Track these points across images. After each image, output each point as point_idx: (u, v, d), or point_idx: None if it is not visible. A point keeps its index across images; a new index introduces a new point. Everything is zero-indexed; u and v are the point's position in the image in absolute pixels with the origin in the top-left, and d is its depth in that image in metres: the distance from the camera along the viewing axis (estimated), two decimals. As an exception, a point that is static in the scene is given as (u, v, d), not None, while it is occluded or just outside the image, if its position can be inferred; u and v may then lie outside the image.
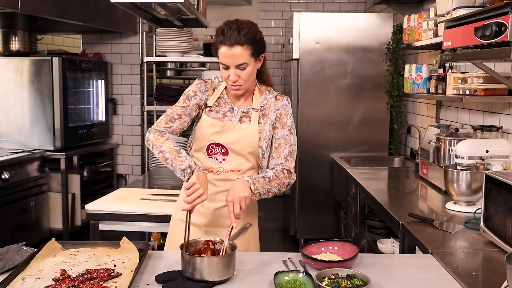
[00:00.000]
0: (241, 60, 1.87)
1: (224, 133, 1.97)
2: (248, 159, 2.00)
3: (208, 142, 1.98)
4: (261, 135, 1.98)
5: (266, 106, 2.03)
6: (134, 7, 3.36)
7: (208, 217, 2.03)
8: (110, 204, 2.79)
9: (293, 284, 1.55)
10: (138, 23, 5.62)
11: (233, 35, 1.85)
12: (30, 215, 4.36)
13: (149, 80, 5.02)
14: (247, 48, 1.87)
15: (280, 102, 2.04)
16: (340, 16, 4.56)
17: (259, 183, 1.86)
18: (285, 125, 2.02)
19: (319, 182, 4.57)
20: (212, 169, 2.00)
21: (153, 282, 1.60)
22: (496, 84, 2.61)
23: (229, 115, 2.01)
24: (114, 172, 5.75)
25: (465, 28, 2.17)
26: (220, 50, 1.89)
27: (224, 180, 1.99)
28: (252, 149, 1.98)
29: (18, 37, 4.80)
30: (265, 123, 2.00)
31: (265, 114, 2.02)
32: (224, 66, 1.91)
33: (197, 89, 2.03)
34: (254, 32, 1.89)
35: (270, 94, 2.06)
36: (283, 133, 2.01)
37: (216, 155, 1.99)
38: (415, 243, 2.11)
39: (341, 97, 4.53)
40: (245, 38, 1.86)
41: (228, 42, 1.85)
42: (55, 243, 1.84)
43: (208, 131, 1.98)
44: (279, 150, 1.99)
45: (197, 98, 2.02)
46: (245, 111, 2.02)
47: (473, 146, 2.52)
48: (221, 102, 2.04)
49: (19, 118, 4.66)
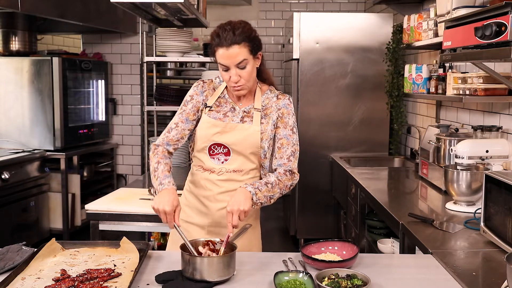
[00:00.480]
0: (240, 58, 1.86)
1: (226, 133, 1.97)
2: (250, 159, 1.99)
3: (210, 142, 1.98)
4: (263, 135, 1.97)
5: (268, 105, 2.02)
6: (134, 7, 3.36)
7: (211, 218, 2.02)
8: (110, 204, 2.79)
9: (293, 284, 1.55)
10: (138, 23, 5.62)
11: (228, 35, 1.85)
12: (30, 215, 4.36)
13: (149, 80, 5.01)
14: (245, 46, 1.87)
15: (282, 101, 2.03)
16: (340, 16, 4.56)
17: (261, 192, 1.85)
18: (287, 124, 2.01)
19: (319, 182, 4.57)
20: (214, 170, 1.99)
21: (153, 282, 1.60)
22: (496, 84, 2.61)
23: (230, 115, 2.00)
24: (114, 172, 5.75)
25: (465, 28, 2.17)
26: (218, 52, 1.88)
27: (227, 180, 1.99)
28: (254, 149, 1.97)
29: (18, 37, 4.80)
30: (267, 123, 1.99)
31: (267, 114, 2.01)
32: (224, 67, 1.90)
33: (194, 93, 2.03)
34: (249, 31, 1.89)
35: (271, 93, 2.06)
36: (285, 133, 2.00)
37: (218, 156, 1.99)
38: (415, 243, 2.11)
39: (341, 97, 4.53)
40: (241, 37, 1.86)
41: (225, 43, 1.85)
42: (55, 243, 1.84)
43: (210, 131, 1.97)
44: (281, 150, 1.99)
45: (193, 101, 2.02)
46: (246, 110, 2.01)
47: (473, 146, 2.52)
48: (222, 101, 2.03)
49: (19, 118, 4.66)
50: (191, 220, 2.05)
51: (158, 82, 5.26)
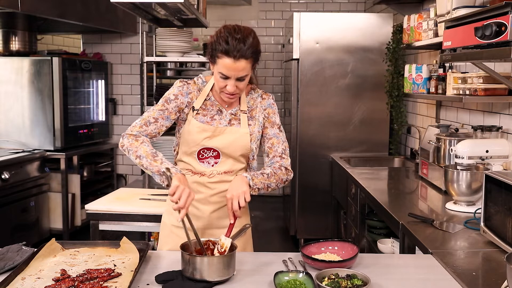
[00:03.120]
0: (243, 73, 1.84)
1: (216, 137, 1.95)
2: (239, 160, 2.00)
3: (200, 147, 1.95)
4: (251, 137, 1.98)
5: (253, 106, 2.02)
6: (134, 7, 3.36)
7: (205, 221, 2.01)
8: (110, 204, 2.79)
9: (293, 284, 1.55)
10: (138, 23, 5.63)
11: (238, 47, 1.78)
12: (30, 215, 4.36)
13: (149, 80, 5.01)
14: (251, 61, 1.84)
15: (266, 101, 2.04)
16: (340, 16, 4.56)
17: (257, 178, 1.87)
18: (274, 123, 2.03)
19: (319, 182, 4.57)
20: (205, 173, 1.97)
21: (153, 282, 1.60)
22: (496, 84, 2.61)
23: (217, 118, 1.97)
24: (114, 172, 5.75)
25: (465, 28, 2.17)
26: (222, 60, 1.81)
27: (218, 182, 1.98)
28: (244, 151, 1.97)
29: (18, 37, 4.80)
30: (254, 125, 1.99)
31: (253, 115, 2.01)
32: (224, 76, 1.84)
33: (178, 92, 1.97)
34: (257, 44, 1.85)
35: (255, 93, 2.05)
36: (274, 132, 2.02)
37: (208, 159, 1.97)
38: (415, 243, 2.11)
39: (341, 97, 4.53)
40: (250, 51, 1.81)
41: (234, 54, 1.79)
42: (55, 243, 1.84)
43: (199, 136, 1.94)
44: (273, 149, 2.01)
45: (177, 101, 1.96)
46: (233, 113, 1.99)
47: (473, 146, 2.52)
48: (208, 104, 1.99)
49: (19, 118, 4.66)
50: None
51: (158, 82, 5.26)
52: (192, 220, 1.75)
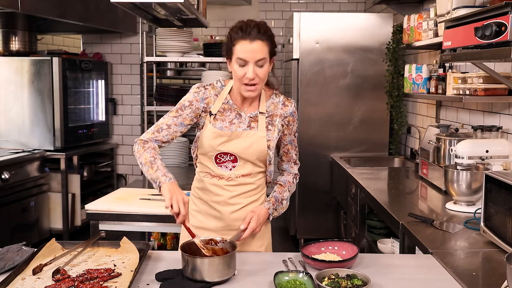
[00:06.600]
0: (261, 55, 1.84)
1: (232, 141, 1.94)
2: (257, 164, 1.98)
3: (216, 152, 1.95)
4: (269, 143, 1.96)
5: (274, 112, 2.00)
6: (134, 7, 3.36)
7: (225, 222, 2.00)
8: (110, 204, 2.79)
9: (293, 284, 1.55)
10: (138, 23, 5.62)
11: (253, 30, 1.83)
12: (30, 215, 4.36)
13: (149, 80, 5.02)
14: (267, 44, 1.86)
15: (289, 108, 2.01)
16: (340, 16, 4.56)
17: (277, 211, 2.02)
18: (292, 131, 2.05)
19: (319, 182, 4.57)
20: (223, 176, 1.97)
21: (153, 281, 1.60)
22: (496, 84, 2.61)
23: (236, 122, 1.96)
24: (114, 172, 5.75)
25: (465, 28, 2.17)
26: (238, 45, 1.84)
27: (237, 185, 1.98)
28: (260, 155, 1.96)
29: (18, 37, 4.80)
30: (273, 131, 1.98)
31: (273, 121, 1.99)
32: (242, 62, 1.84)
33: (194, 99, 1.97)
34: (271, 33, 1.90)
35: (277, 98, 2.03)
36: (290, 139, 2.07)
37: (226, 163, 1.96)
38: (415, 243, 2.11)
39: (341, 97, 4.53)
40: (266, 35, 1.86)
41: (249, 37, 1.83)
42: (55, 243, 1.84)
43: (215, 141, 1.93)
44: (288, 155, 2.10)
45: (192, 107, 1.96)
46: (252, 116, 1.98)
47: (473, 146, 2.52)
48: (226, 108, 1.97)
49: (19, 118, 4.66)
50: (204, 226, 2.02)
51: (158, 82, 5.27)
52: (211, 222, 1.97)
